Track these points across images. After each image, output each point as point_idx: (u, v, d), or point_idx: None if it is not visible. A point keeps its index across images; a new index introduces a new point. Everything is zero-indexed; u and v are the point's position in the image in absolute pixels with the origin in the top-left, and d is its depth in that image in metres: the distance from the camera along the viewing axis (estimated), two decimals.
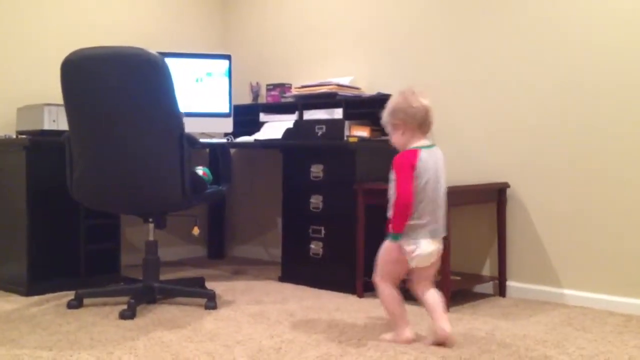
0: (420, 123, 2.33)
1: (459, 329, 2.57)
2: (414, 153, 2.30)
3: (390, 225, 2.31)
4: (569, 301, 3.00)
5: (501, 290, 3.17)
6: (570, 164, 3.01)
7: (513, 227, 3.18)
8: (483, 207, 3.25)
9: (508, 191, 3.17)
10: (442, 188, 2.35)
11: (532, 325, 2.64)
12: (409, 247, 2.30)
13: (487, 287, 3.23)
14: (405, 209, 2.27)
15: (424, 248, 2.29)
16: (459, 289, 3.12)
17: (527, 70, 3.13)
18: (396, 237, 2.30)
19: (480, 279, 3.22)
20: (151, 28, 4.14)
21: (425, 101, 2.34)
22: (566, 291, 3.02)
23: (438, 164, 2.35)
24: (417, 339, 2.40)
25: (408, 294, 2.51)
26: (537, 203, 3.11)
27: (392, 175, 2.33)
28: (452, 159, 3.37)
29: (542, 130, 3.09)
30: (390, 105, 2.38)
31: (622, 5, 2.85)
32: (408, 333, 2.38)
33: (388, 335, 2.42)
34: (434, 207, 2.32)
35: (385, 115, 2.39)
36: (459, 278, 3.16)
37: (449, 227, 2.84)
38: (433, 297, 2.38)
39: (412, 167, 2.28)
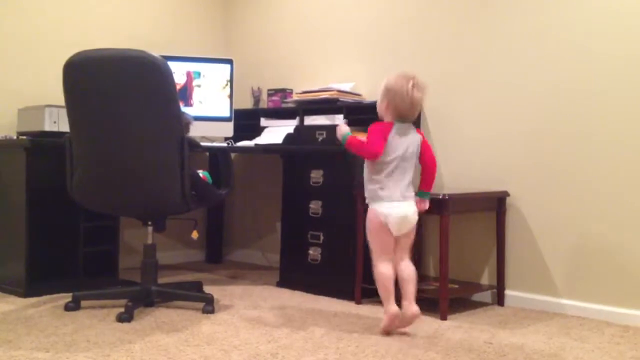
0: (402, 110, 2.54)
1: (456, 337, 2.57)
2: (388, 125, 2.55)
3: (354, 140, 2.56)
4: (567, 311, 2.99)
5: (499, 299, 3.17)
6: (570, 173, 3.01)
7: (512, 236, 3.18)
8: (482, 215, 3.25)
9: (508, 200, 3.17)
10: (408, 159, 2.56)
11: (530, 334, 2.64)
12: (384, 210, 2.52)
13: (486, 296, 3.23)
14: (367, 154, 2.53)
15: (396, 209, 2.52)
16: (457, 297, 3.12)
17: (528, 78, 3.14)
18: (345, 138, 2.58)
19: (478, 288, 3.22)
20: (153, 31, 4.15)
21: (417, 94, 2.53)
22: (564, 301, 3.01)
23: (408, 138, 2.56)
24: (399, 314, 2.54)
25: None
26: (536, 212, 3.11)
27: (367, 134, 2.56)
28: (451, 167, 3.39)
29: (542, 140, 3.09)
30: (389, 80, 2.58)
31: (627, 12, 2.86)
32: (393, 308, 2.53)
33: (382, 323, 2.58)
34: (400, 177, 2.54)
35: (382, 85, 2.59)
36: (457, 286, 3.15)
37: (448, 234, 2.86)
38: (408, 270, 2.59)
39: (385, 135, 2.52)
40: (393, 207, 2.53)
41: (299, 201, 3.42)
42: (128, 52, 2.68)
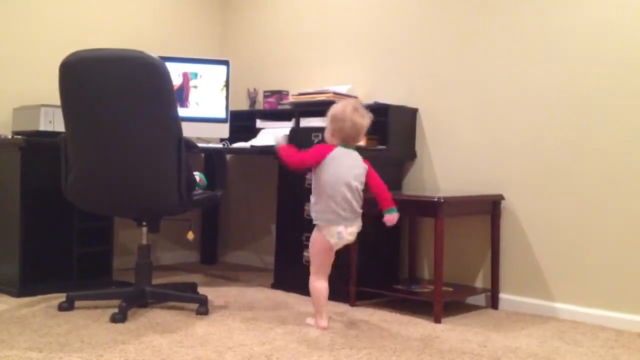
0: (345, 134, 2.66)
1: (451, 340, 2.57)
2: (330, 147, 2.66)
3: (287, 152, 2.68)
4: (561, 315, 3.00)
5: (493, 303, 3.17)
6: (564, 178, 3.02)
7: (506, 240, 3.18)
8: (477, 218, 3.26)
9: (502, 203, 3.18)
10: (351, 182, 2.63)
11: (523, 338, 2.64)
12: (327, 232, 2.63)
13: (480, 299, 3.24)
14: (292, 165, 2.67)
15: (342, 230, 2.63)
16: (451, 300, 3.12)
17: (525, 83, 3.15)
18: (277, 149, 2.72)
19: (472, 291, 3.22)
20: (149, 32, 4.15)
21: (360, 120, 2.65)
22: (558, 305, 3.02)
23: (349, 162, 2.66)
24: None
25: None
26: (531, 216, 3.12)
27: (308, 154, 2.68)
28: (446, 170, 3.40)
29: (537, 144, 3.10)
30: (334, 109, 2.69)
31: (625, 18, 2.87)
32: (324, 322, 2.69)
33: (310, 320, 2.75)
34: (345, 197, 2.61)
35: (328, 114, 2.71)
36: (451, 289, 3.16)
37: (442, 237, 2.87)
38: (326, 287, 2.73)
39: (322, 156, 2.63)
40: (339, 228, 2.62)
41: (294, 203, 3.42)
42: (126, 52, 2.67)
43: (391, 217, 2.68)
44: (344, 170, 2.63)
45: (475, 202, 3.13)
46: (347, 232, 2.65)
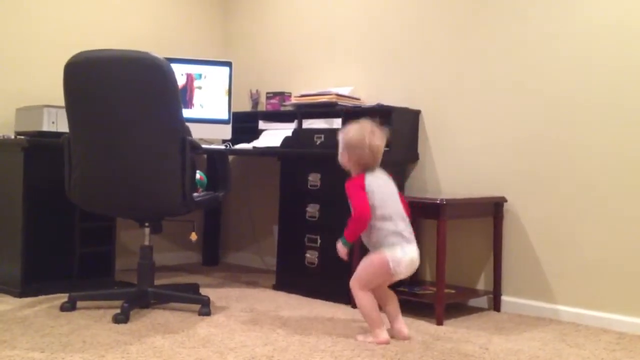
0: (364, 161, 2.55)
1: (452, 342, 2.57)
2: (361, 177, 2.54)
3: (345, 232, 2.53)
4: (563, 317, 3.00)
5: (495, 305, 3.17)
6: (567, 180, 3.01)
7: (509, 242, 3.18)
8: (479, 221, 3.25)
9: (505, 205, 3.17)
10: (395, 198, 2.56)
11: (525, 340, 2.64)
12: (394, 255, 2.47)
13: (482, 302, 3.23)
14: (361, 221, 2.48)
15: (407, 253, 2.49)
16: (453, 302, 3.12)
17: (527, 83, 3.15)
18: (347, 244, 2.55)
19: (474, 293, 3.22)
20: (153, 33, 4.15)
21: (378, 142, 2.55)
22: (560, 307, 3.02)
23: (386, 181, 2.58)
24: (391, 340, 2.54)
25: None
26: (533, 218, 3.11)
27: (349, 199, 2.55)
28: (449, 172, 3.39)
29: (539, 146, 3.10)
30: (348, 135, 2.57)
31: (626, 21, 2.87)
32: (385, 334, 2.52)
33: (363, 337, 2.56)
34: (398, 215, 2.52)
35: (341, 141, 2.59)
36: (453, 291, 3.16)
37: (445, 239, 2.86)
38: (394, 301, 2.63)
39: (362, 187, 2.51)
40: (405, 251, 2.48)
41: (296, 204, 3.42)
42: (131, 52, 2.67)
43: None
44: (386, 190, 2.54)
45: (477, 204, 3.13)
46: (417, 254, 2.52)
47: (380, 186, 2.54)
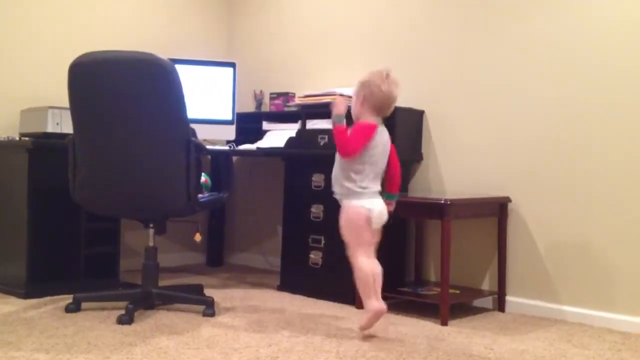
0: (379, 106, 2.57)
1: (457, 343, 2.57)
2: (373, 128, 2.56)
3: (338, 129, 2.54)
4: (568, 317, 2.99)
5: (500, 305, 3.16)
6: (572, 180, 3.01)
7: (514, 242, 3.17)
8: (484, 221, 3.25)
9: (509, 206, 3.17)
10: (384, 162, 2.62)
11: (530, 340, 2.64)
12: (367, 205, 2.55)
13: (487, 302, 3.23)
14: (345, 149, 2.53)
15: (376, 205, 2.58)
16: (458, 302, 3.11)
17: (531, 84, 3.14)
18: (340, 119, 2.55)
19: (479, 293, 3.21)
20: (157, 34, 4.15)
21: (393, 89, 2.57)
22: (565, 307, 3.01)
23: (384, 143, 2.61)
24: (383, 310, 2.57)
25: None
26: (538, 218, 3.11)
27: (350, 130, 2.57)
28: (453, 172, 3.39)
29: (544, 146, 3.09)
30: (365, 77, 2.61)
31: (630, 22, 2.86)
32: (377, 303, 2.55)
33: (362, 321, 2.60)
34: (375, 175, 2.59)
35: (357, 83, 2.62)
36: (458, 292, 3.15)
37: (449, 239, 2.86)
38: (378, 266, 2.60)
39: (368, 137, 2.54)
40: (373, 202, 2.57)
41: (300, 205, 3.42)
42: (135, 54, 2.68)
43: (388, 204, 2.66)
44: (379, 149, 2.58)
45: (482, 205, 3.12)
46: (384, 207, 2.60)
47: (377, 146, 2.57)
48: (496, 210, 3.15)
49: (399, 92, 2.61)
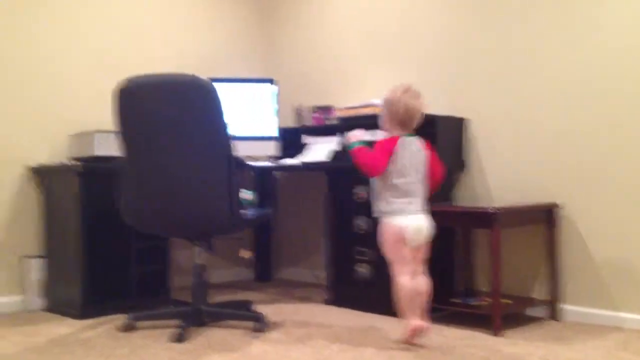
0: (403, 120, 2.62)
1: (512, 354, 2.52)
2: (394, 140, 2.60)
3: (359, 152, 2.60)
4: (626, 325, 2.90)
5: (554, 314, 3.10)
6: (623, 181, 2.93)
7: (565, 249, 3.10)
8: (532, 228, 3.19)
9: (558, 211, 3.10)
10: (417, 172, 2.62)
11: (587, 349, 2.57)
12: (400, 222, 2.55)
13: (540, 311, 3.16)
14: (371, 168, 2.57)
15: (412, 220, 2.56)
16: (510, 312, 3.06)
17: (577, 84, 3.08)
18: (353, 145, 2.63)
19: (532, 302, 3.15)
20: (196, 54, 4.22)
21: (412, 102, 2.62)
22: (622, 314, 2.92)
23: (415, 152, 2.62)
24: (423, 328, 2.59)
25: None
26: (589, 223, 3.03)
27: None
28: (498, 179, 3.34)
29: (593, 148, 3.02)
30: (386, 94, 2.67)
31: None
32: (416, 320, 2.56)
33: (403, 336, 2.61)
34: (409, 188, 2.59)
35: (382, 101, 2.69)
36: (509, 301, 3.09)
37: (499, 249, 2.82)
38: (423, 283, 2.62)
39: (390, 151, 2.58)
40: (409, 219, 2.57)
41: (344, 217, 3.42)
42: (176, 76, 2.75)
43: None
44: (409, 162, 2.60)
45: (530, 211, 3.07)
46: (426, 223, 2.60)
47: (405, 157, 2.59)
48: (545, 217, 3.10)
49: (424, 102, 2.66)
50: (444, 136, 3.36)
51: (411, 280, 2.59)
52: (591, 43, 3.03)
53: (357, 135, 2.67)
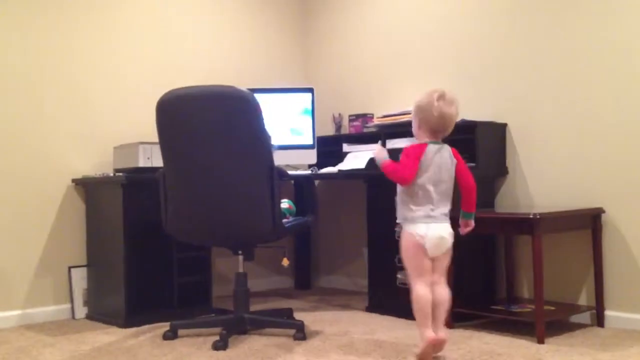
0: (435, 127, 2.52)
1: None
2: (422, 147, 2.52)
3: (387, 164, 2.53)
4: None
5: (599, 321, 3.03)
6: None
7: (610, 254, 3.04)
8: (576, 233, 3.13)
9: (603, 217, 3.04)
10: (442, 181, 2.53)
11: (634, 356, 2.51)
12: (420, 230, 2.48)
13: (584, 317, 3.10)
14: (399, 178, 2.50)
15: (433, 229, 2.48)
16: (554, 319, 3.00)
17: (620, 87, 3.02)
18: (384, 159, 2.55)
19: (576, 309, 3.09)
20: (236, 65, 4.28)
21: (446, 109, 2.50)
22: None
23: (441, 159, 2.53)
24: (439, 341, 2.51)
25: None
26: (635, 228, 2.96)
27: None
28: (541, 185, 3.29)
29: (636, 151, 2.96)
30: (418, 99, 2.57)
31: None
32: (430, 332, 2.46)
33: (418, 350, 2.51)
34: (433, 197, 2.50)
35: (413, 106, 2.59)
36: (553, 308, 3.04)
37: (541, 255, 2.77)
38: (443, 293, 2.54)
39: (418, 157, 2.49)
40: (429, 228, 2.48)
41: (384, 225, 3.41)
42: (217, 88, 2.79)
43: (465, 223, 2.61)
44: (436, 170, 2.51)
45: (574, 217, 3.02)
46: (447, 232, 2.51)
47: (431, 165, 2.50)
48: (589, 222, 3.04)
49: (458, 109, 2.55)
50: (486, 142, 3.33)
51: (428, 291, 2.50)
52: (636, 48, 2.97)
53: (378, 152, 2.60)
